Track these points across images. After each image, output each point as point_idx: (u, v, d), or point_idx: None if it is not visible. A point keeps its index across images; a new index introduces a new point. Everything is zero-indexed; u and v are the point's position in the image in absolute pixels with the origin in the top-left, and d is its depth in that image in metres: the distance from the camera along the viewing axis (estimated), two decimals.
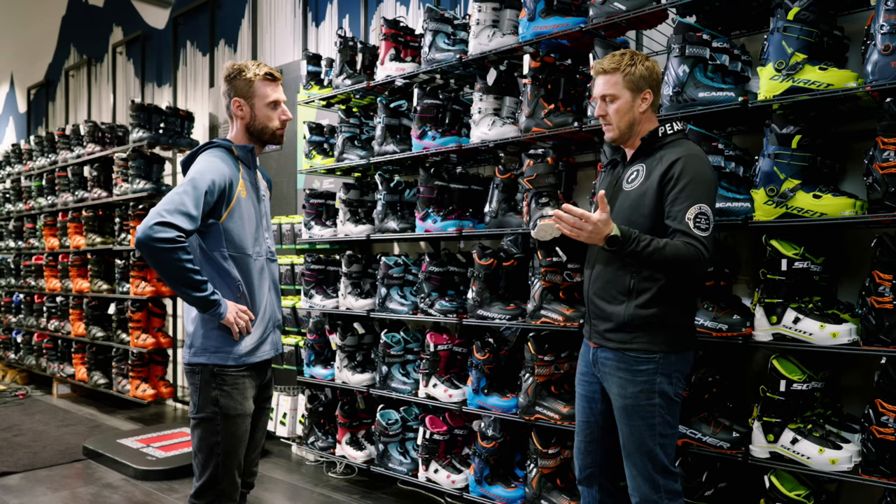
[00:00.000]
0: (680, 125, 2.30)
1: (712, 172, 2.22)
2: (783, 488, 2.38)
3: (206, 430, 2.26)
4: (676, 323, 2.23)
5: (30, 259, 7.41)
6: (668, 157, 2.20)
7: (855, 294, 2.41)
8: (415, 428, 3.73)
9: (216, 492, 2.28)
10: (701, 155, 2.23)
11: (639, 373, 2.20)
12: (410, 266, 3.83)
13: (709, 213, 2.11)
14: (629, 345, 2.22)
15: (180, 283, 2.14)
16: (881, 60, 2.15)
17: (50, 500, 3.86)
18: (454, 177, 3.65)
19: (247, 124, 2.38)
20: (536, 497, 3.04)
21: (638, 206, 2.23)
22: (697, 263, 2.09)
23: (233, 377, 2.27)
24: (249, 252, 2.31)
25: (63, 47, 8.93)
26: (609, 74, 2.27)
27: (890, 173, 2.13)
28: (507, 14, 3.24)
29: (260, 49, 5.84)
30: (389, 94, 3.92)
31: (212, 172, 2.21)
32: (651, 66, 2.27)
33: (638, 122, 2.29)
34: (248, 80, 2.33)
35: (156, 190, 5.78)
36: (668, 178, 2.16)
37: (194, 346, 2.27)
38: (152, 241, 2.07)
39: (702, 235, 2.09)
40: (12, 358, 7.66)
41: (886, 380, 2.19)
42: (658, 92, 2.32)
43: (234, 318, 2.24)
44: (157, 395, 5.77)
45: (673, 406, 2.22)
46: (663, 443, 2.20)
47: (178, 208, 2.12)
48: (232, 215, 2.26)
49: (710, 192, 2.17)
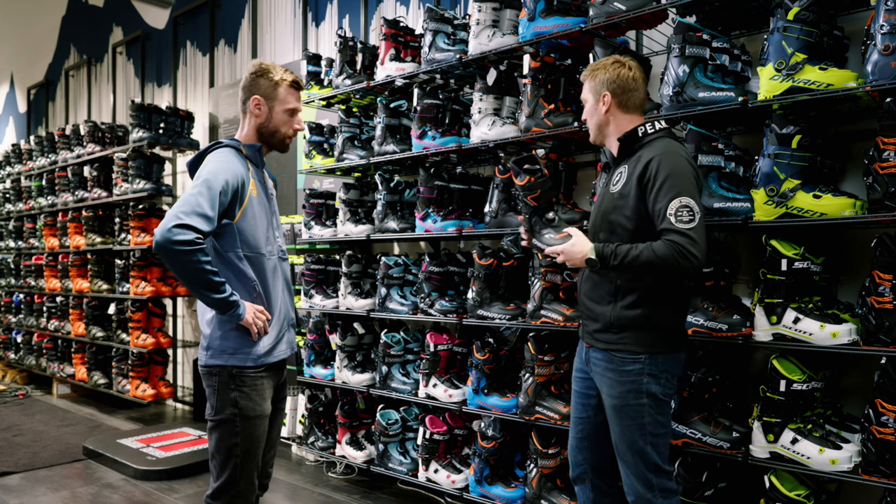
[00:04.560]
0: (662, 124, 2.30)
1: (691, 166, 2.19)
2: (783, 488, 2.38)
3: (225, 432, 2.24)
4: (663, 324, 2.22)
5: (30, 259, 7.41)
6: (644, 157, 2.21)
7: (855, 294, 2.41)
8: (415, 428, 3.73)
9: (234, 493, 2.26)
10: (678, 151, 2.21)
11: (626, 373, 2.21)
12: (410, 266, 3.83)
13: (691, 203, 2.08)
14: (616, 345, 2.24)
15: (200, 285, 2.13)
16: (881, 60, 2.15)
17: (50, 500, 3.86)
18: (454, 177, 3.65)
19: (260, 124, 2.38)
20: (536, 497, 3.04)
21: (621, 208, 2.25)
22: (682, 259, 2.05)
23: (252, 378, 2.26)
24: (263, 251, 2.31)
25: (63, 47, 8.93)
26: (584, 81, 2.39)
27: (890, 173, 2.13)
28: (507, 14, 3.24)
29: (260, 49, 5.84)
30: (389, 94, 3.92)
31: (224, 172, 2.20)
32: (615, 71, 2.29)
33: (605, 123, 2.35)
34: (275, 83, 2.35)
35: (156, 190, 5.78)
36: (647, 179, 2.16)
37: (212, 348, 2.25)
38: (171, 243, 2.05)
39: (685, 228, 2.06)
40: (12, 358, 7.66)
41: (886, 380, 2.19)
42: (623, 94, 2.30)
43: (253, 318, 2.24)
44: (157, 395, 5.77)
45: (663, 406, 2.23)
46: (655, 442, 2.21)
47: (195, 210, 2.10)
48: (245, 215, 2.25)
49: (689, 184, 2.13)
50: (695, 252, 2.05)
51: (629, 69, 2.30)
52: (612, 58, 2.36)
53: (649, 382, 2.19)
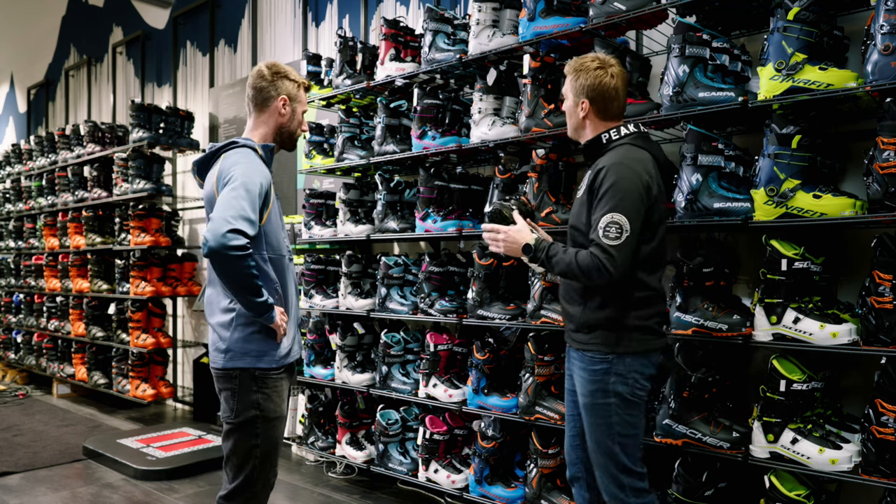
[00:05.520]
0: (629, 129, 2.31)
1: (637, 177, 2.16)
2: (783, 488, 2.38)
3: (245, 434, 2.23)
4: (631, 325, 2.22)
5: (30, 259, 7.41)
6: (599, 165, 2.23)
7: (855, 294, 2.40)
8: (415, 428, 3.73)
9: (249, 494, 2.26)
10: (628, 162, 2.18)
11: (594, 372, 2.25)
12: (410, 266, 3.83)
13: (622, 221, 2.10)
14: (586, 345, 2.27)
15: (247, 290, 2.12)
16: (881, 60, 2.15)
17: (50, 500, 3.86)
18: (454, 177, 3.65)
19: (282, 124, 2.40)
20: (536, 497, 3.04)
21: (579, 214, 2.30)
22: (597, 272, 2.11)
23: (273, 380, 2.26)
24: (283, 252, 2.33)
25: (63, 47, 8.93)
26: (566, 76, 2.37)
27: (890, 173, 2.13)
28: (507, 14, 3.24)
29: (260, 49, 5.84)
30: (389, 94, 3.92)
31: (257, 175, 2.19)
32: (597, 79, 2.27)
33: (581, 126, 2.37)
34: (297, 84, 2.41)
35: (156, 190, 5.78)
36: (596, 188, 2.19)
37: (231, 351, 2.22)
38: (227, 248, 2.02)
39: (608, 244, 2.10)
40: (12, 358, 7.66)
41: (886, 380, 2.19)
42: (602, 102, 2.30)
43: (280, 320, 2.25)
44: (157, 395, 5.77)
45: (631, 407, 2.23)
46: (623, 442, 2.23)
47: (241, 214, 2.07)
48: (270, 218, 2.26)
49: (627, 199, 2.12)
50: (610, 269, 2.10)
51: (611, 77, 2.29)
52: (597, 60, 2.32)
53: (616, 382, 2.21)
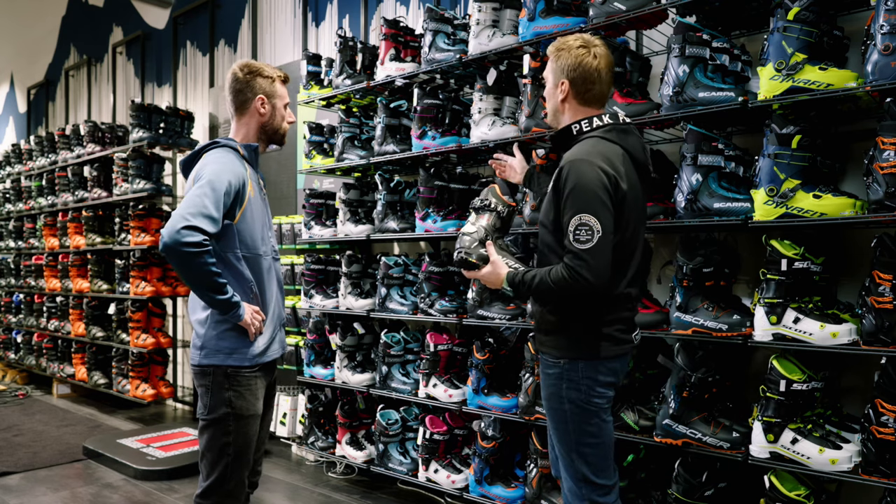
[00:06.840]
0: (604, 120, 2.17)
1: (598, 173, 2.02)
2: (783, 488, 2.38)
3: (217, 431, 2.24)
4: (584, 330, 2.13)
5: (30, 259, 7.41)
6: (563, 160, 2.10)
7: (855, 294, 2.40)
8: (415, 428, 3.73)
9: (223, 492, 2.26)
10: (590, 157, 2.05)
11: (548, 376, 2.20)
12: (410, 266, 3.83)
13: (590, 222, 1.97)
14: (543, 347, 2.24)
15: (206, 287, 2.13)
16: (881, 60, 2.15)
17: (50, 500, 3.86)
18: (454, 177, 3.65)
19: (264, 122, 2.41)
20: (536, 497, 3.04)
21: (547, 212, 2.18)
22: (573, 282, 1.98)
23: (246, 378, 2.27)
24: (260, 251, 2.32)
25: (63, 47, 8.93)
26: (549, 56, 2.25)
27: (890, 173, 2.13)
28: (507, 14, 3.24)
29: (260, 49, 5.84)
30: (389, 94, 3.92)
31: (227, 173, 2.21)
32: (578, 58, 2.13)
33: (560, 111, 2.24)
34: (271, 80, 2.41)
35: (156, 190, 5.77)
36: (561, 188, 2.06)
37: (206, 348, 2.25)
38: (180, 245, 2.05)
39: (580, 248, 1.98)
40: (12, 358, 7.66)
41: (886, 380, 2.19)
42: (583, 84, 2.16)
43: (251, 318, 2.25)
44: (157, 395, 5.77)
45: (587, 415, 2.12)
46: (581, 451, 2.14)
47: (201, 211, 2.09)
48: (244, 216, 2.26)
49: (589, 199, 1.99)
50: (586, 275, 1.97)
51: (594, 58, 2.14)
52: (581, 39, 2.18)
53: (568, 388, 2.13)
